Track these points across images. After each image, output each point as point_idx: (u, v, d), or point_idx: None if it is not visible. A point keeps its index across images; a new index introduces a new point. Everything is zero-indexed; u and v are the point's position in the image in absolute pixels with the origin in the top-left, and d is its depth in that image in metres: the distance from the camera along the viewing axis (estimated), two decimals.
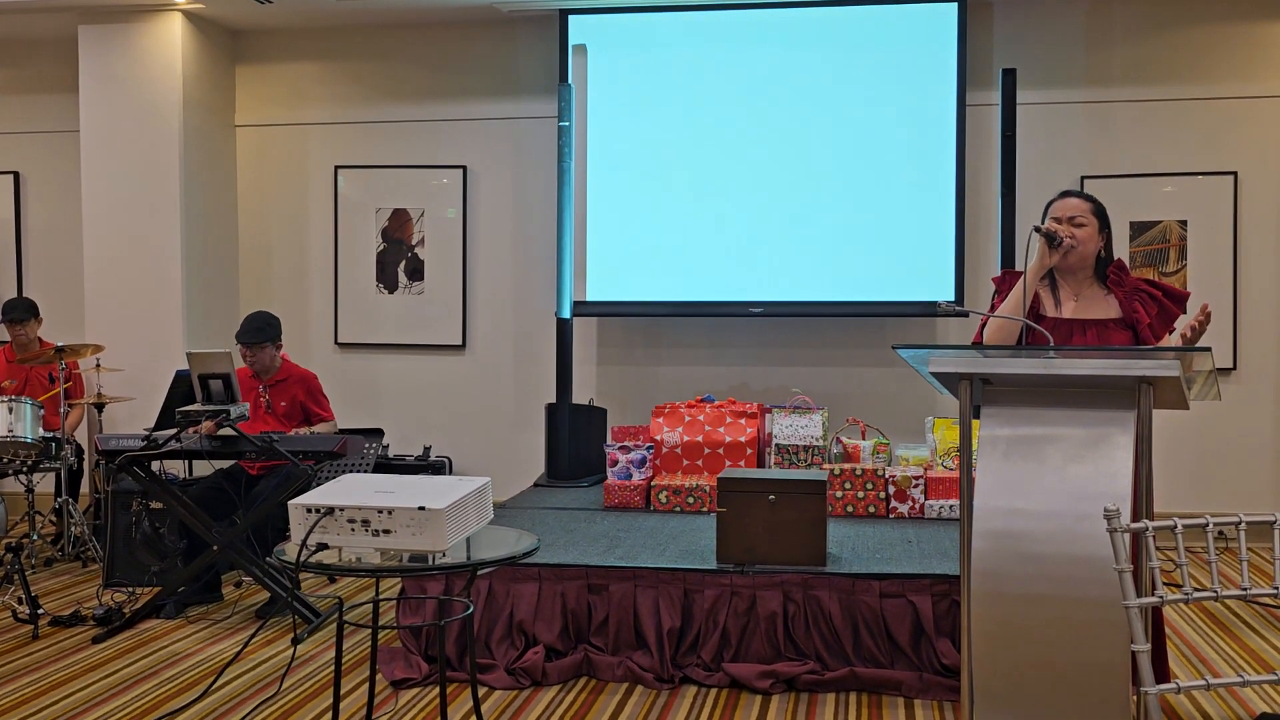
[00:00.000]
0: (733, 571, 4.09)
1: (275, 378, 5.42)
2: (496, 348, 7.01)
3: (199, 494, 5.08)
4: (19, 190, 7.36)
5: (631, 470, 5.42)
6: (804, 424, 5.53)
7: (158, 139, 6.70)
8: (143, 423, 6.28)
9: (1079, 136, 6.46)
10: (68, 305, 7.16)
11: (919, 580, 4.00)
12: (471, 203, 7.01)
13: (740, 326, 6.73)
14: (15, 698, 3.95)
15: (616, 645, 4.12)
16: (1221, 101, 6.35)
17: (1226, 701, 3.86)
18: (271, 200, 7.21)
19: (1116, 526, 2.24)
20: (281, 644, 4.56)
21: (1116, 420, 2.90)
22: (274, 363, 5.41)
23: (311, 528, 2.88)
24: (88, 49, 6.72)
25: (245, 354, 5.34)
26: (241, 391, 5.40)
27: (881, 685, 3.94)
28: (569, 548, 4.44)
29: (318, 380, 5.52)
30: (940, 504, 5.10)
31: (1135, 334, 3.43)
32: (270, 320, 5.39)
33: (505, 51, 6.93)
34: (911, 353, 3.09)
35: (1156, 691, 2.18)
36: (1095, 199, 3.52)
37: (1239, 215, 6.32)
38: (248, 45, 7.19)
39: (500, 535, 3.25)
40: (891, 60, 6.35)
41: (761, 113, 6.46)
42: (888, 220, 6.37)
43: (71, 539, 5.92)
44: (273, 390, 5.40)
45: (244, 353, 5.35)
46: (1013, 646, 2.84)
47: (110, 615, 4.78)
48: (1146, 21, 6.39)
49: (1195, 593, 2.28)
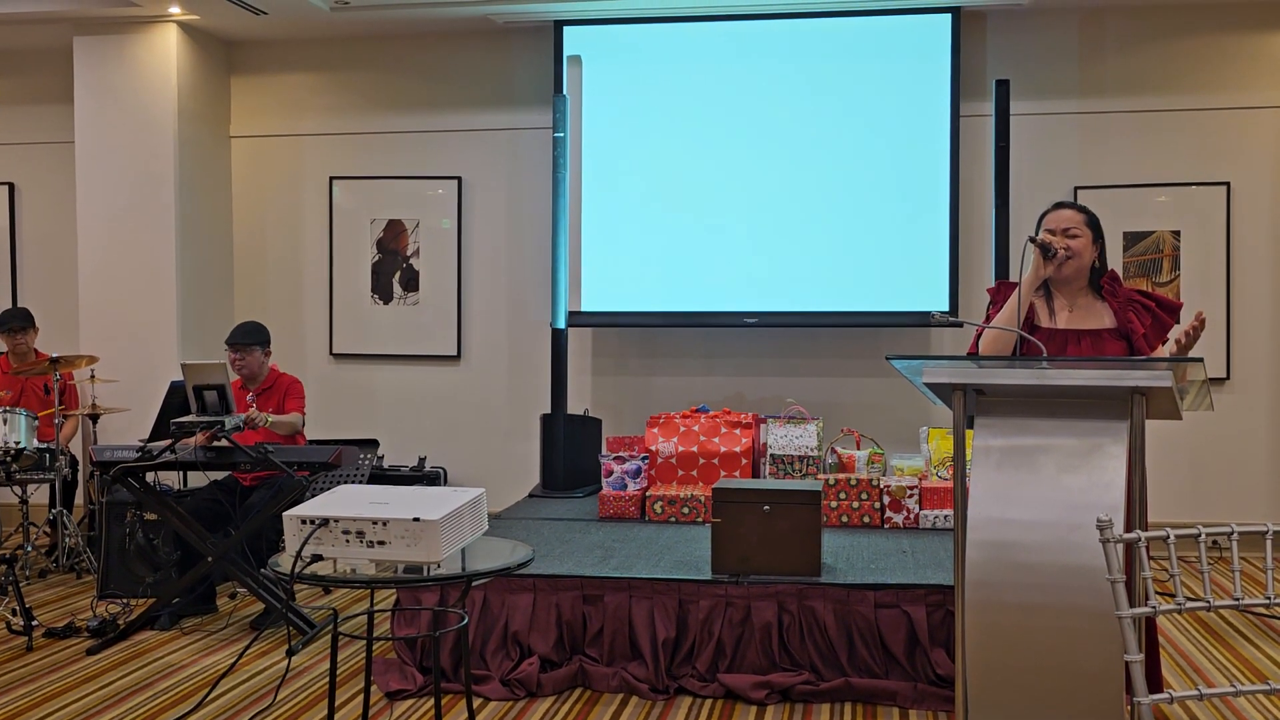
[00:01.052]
0: (728, 582, 4.09)
1: (262, 385, 5.42)
2: (491, 358, 7.01)
3: (194, 505, 5.07)
4: (14, 201, 7.36)
5: (626, 481, 5.42)
6: (799, 434, 5.53)
7: (153, 150, 6.70)
8: (137, 434, 6.27)
9: (1072, 147, 6.48)
10: (62, 316, 7.16)
11: (914, 590, 4.00)
12: (466, 213, 7.02)
13: (735, 337, 6.74)
14: (10, 710, 3.94)
15: (611, 656, 4.12)
16: (1214, 112, 6.37)
17: (1220, 711, 3.86)
18: (266, 211, 7.22)
19: (1109, 537, 2.25)
20: (276, 655, 4.55)
21: (1110, 430, 2.91)
22: (262, 369, 5.41)
23: (306, 539, 2.88)
24: (83, 60, 6.73)
25: (234, 359, 5.33)
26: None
27: (876, 695, 3.94)
28: (564, 558, 4.44)
29: (300, 385, 5.51)
30: (935, 514, 5.11)
31: (1129, 344, 3.44)
32: (259, 326, 5.44)
33: (500, 63, 6.95)
34: (905, 363, 3.10)
35: (1149, 701, 2.19)
36: (1089, 210, 3.55)
37: (1232, 225, 6.35)
38: (243, 56, 7.20)
39: (495, 546, 3.24)
40: (885, 71, 6.37)
41: (756, 124, 6.48)
42: (882, 230, 6.38)
43: (66, 550, 5.91)
44: (260, 398, 5.39)
45: (232, 358, 5.33)
46: (1007, 656, 2.84)
47: (105, 627, 4.77)
48: (1139, 33, 6.43)
49: (1188, 603, 2.29)
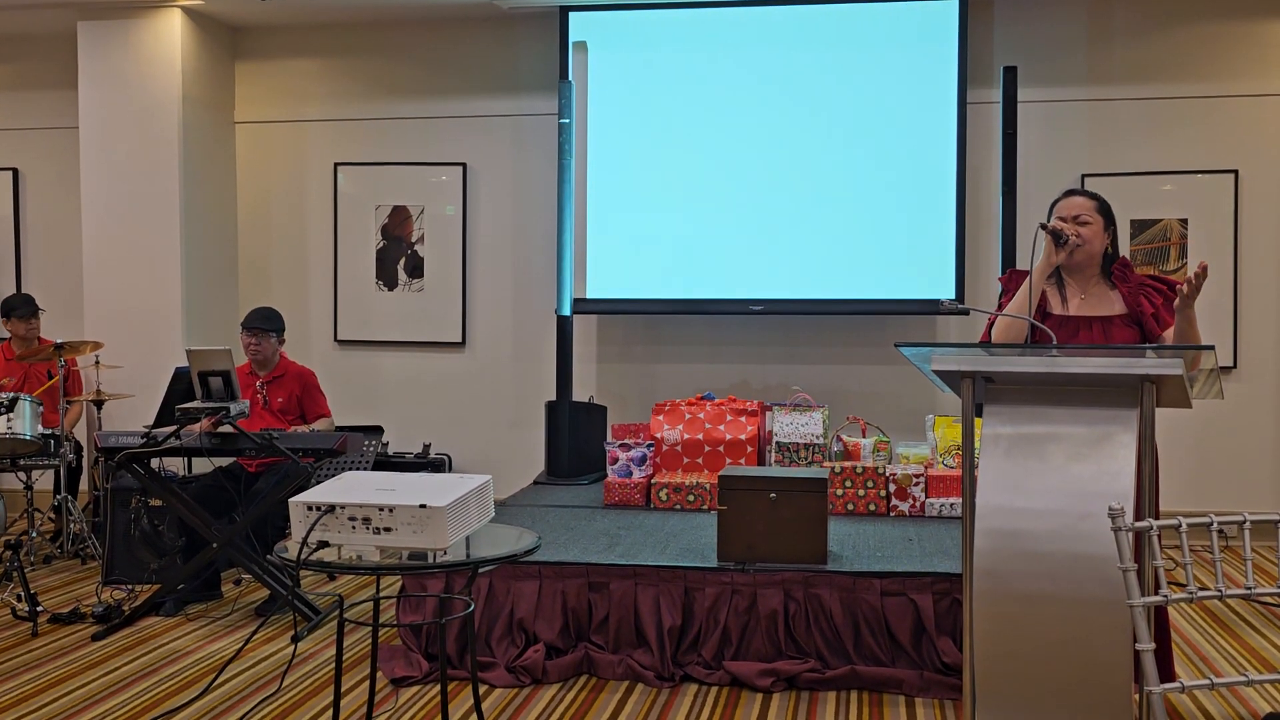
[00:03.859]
0: (734, 569, 4.08)
1: (273, 374, 5.42)
2: (496, 345, 7.00)
3: (198, 491, 5.07)
4: (18, 187, 7.35)
5: (632, 468, 5.41)
6: (804, 422, 5.52)
7: (157, 135, 6.68)
8: (142, 420, 6.27)
9: (1080, 135, 6.45)
10: (66, 302, 7.15)
11: (920, 578, 3.99)
12: (471, 200, 6.99)
13: (740, 324, 6.72)
14: (14, 695, 3.94)
15: (617, 643, 4.11)
16: (1223, 100, 6.34)
17: (1228, 701, 3.85)
18: (271, 197, 7.20)
19: (1121, 525, 2.23)
20: (280, 642, 4.55)
21: (1119, 418, 2.90)
22: (274, 356, 5.42)
23: (313, 525, 2.87)
24: (87, 45, 6.71)
25: (248, 343, 5.34)
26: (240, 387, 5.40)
27: (882, 684, 3.93)
28: (569, 546, 4.43)
29: (315, 377, 5.53)
30: (940, 502, 5.09)
31: (1141, 330, 3.43)
32: (276, 314, 5.48)
33: (505, 48, 6.92)
34: (914, 351, 3.09)
35: (1161, 691, 2.18)
36: (1100, 197, 3.52)
37: (1240, 213, 6.32)
38: (247, 42, 7.17)
39: (501, 533, 3.24)
40: (892, 58, 6.34)
41: (762, 110, 6.46)
42: (888, 218, 6.36)
43: (71, 536, 5.91)
44: (270, 386, 5.39)
45: (247, 341, 5.34)
46: (1014, 645, 2.83)
47: (109, 613, 4.77)
48: (1148, 19, 6.39)
49: (1199, 592, 2.27)
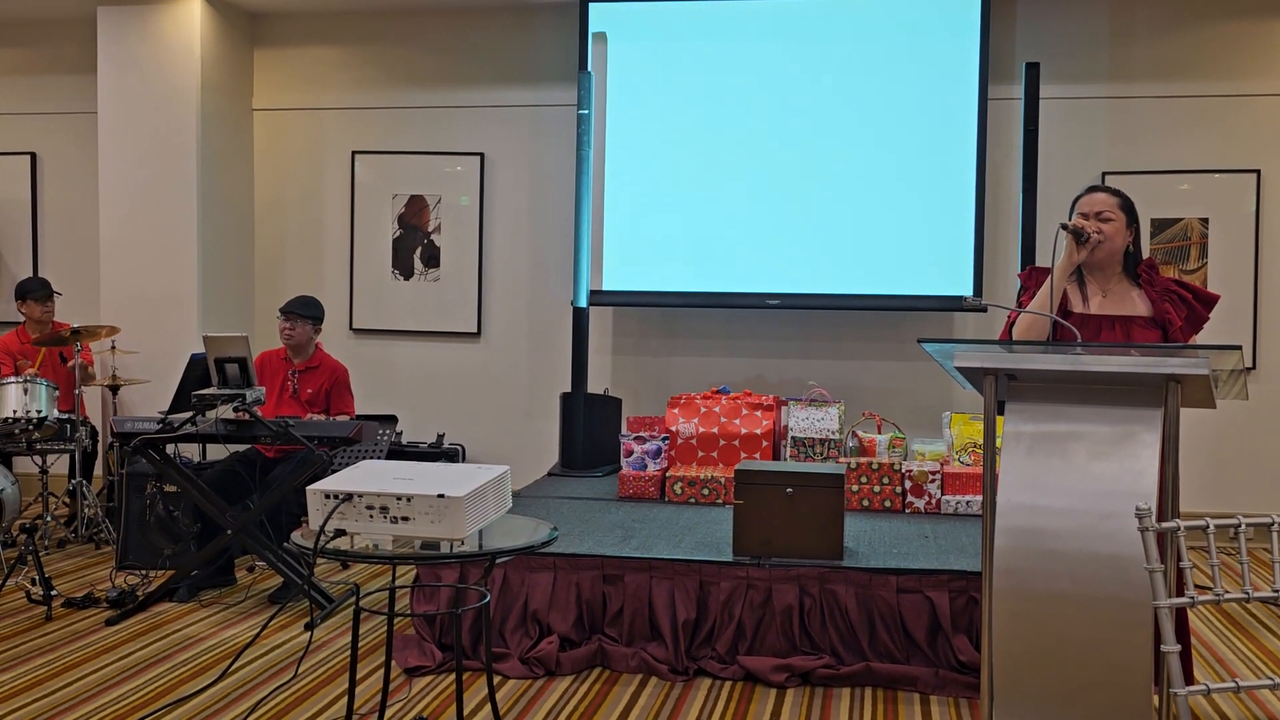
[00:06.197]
0: (749, 564, 4.07)
1: (307, 364, 5.43)
2: (511, 336, 6.99)
3: (214, 478, 5.07)
4: (36, 171, 7.36)
5: (646, 461, 5.40)
6: (820, 417, 5.50)
7: (175, 122, 6.69)
8: (158, 405, 6.28)
9: (1101, 132, 6.41)
10: (83, 287, 7.16)
11: (936, 576, 3.98)
12: (488, 190, 6.98)
13: (757, 318, 6.70)
14: (28, 679, 3.94)
15: (631, 636, 4.10)
16: (1245, 99, 6.29)
17: (1245, 704, 3.83)
18: (288, 185, 7.20)
19: (1148, 526, 2.21)
20: (294, 629, 4.55)
21: (1143, 418, 2.87)
22: (309, 345, 5.44)
23: (330, 513, 2.86)
24: (106, 31, 6.71)
25: (284, 328, 5.37)
26: (271, 372, 5.42)
27: (897, 681, 3.92)
28: (584, 538, 4.42)
29: (347, 375, 5.54)
30: (957, 499, 5.07)
31: (1164, 333, 3.40)
32: (316, 302, 5.52)
33: (525, 38, 6.90)
34: (937, 347, 3.07)
35: (1186, 693, 2.16)
36: (1123, 193, 3.49)
37: (1261, 213, 6.27)
38: (266, 29, 7.17)
39: (517, 524, 3.23)
40: (913, 52, 6.31)
41: (781, 104, 6.43)
42: (907, 213, 6.33)
43: (85, 521, 5.92)
44: (302, 376, 5.41)
45: (283, 326, 5.37)
46: (1033, 645, 2.81)
47: (123, 598, 4.78)
48: (1170, 17, 6.34)
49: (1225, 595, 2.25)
